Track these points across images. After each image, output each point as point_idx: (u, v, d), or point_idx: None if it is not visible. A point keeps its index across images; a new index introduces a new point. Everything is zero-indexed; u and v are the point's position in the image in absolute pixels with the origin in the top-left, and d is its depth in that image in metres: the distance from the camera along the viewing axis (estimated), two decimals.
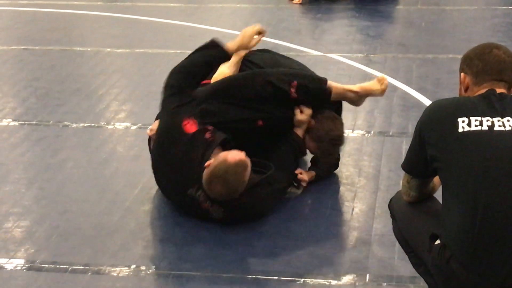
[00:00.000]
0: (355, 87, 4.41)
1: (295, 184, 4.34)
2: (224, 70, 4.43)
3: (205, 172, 3.84)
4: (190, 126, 4.04)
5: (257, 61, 4.57)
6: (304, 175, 4.36)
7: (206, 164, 3.85)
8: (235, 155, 3.79)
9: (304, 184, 4.35)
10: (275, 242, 3.89)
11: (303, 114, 4.26)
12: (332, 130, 4.29)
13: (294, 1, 8.88)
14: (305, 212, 4.23)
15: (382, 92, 4.44)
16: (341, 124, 4.39)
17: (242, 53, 4.54)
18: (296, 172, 4.33)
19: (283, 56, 4.80)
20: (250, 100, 4.16)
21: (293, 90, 4.19)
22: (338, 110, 4.53)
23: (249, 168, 3.83)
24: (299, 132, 4.30)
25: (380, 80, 4.41)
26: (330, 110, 4.40)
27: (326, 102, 4.35)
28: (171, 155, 4.03)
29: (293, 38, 7.41)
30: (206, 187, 3.84)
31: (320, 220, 4.10)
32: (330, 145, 4.32)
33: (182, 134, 4.02)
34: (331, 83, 4.33)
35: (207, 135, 4.01)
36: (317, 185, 4.43)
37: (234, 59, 4.51)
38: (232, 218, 3.99)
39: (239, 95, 4.17)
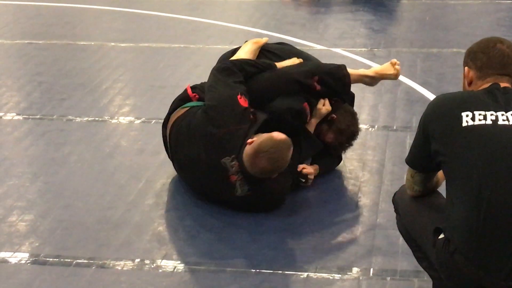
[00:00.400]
0: (370, 71, 4.57)
1: (303, 180, 4.34)
2: (241, 56, 4.54)
3: (249, 147, 3.91)
4: (243, 101, 4.14)
5: (274, 51, 4.68)
6: (308, 169, 4.36)
7: (249, 140, 3.93)
8: (280, 134, 3.92)
9: (311, 177, 4.35)
10: (279, 236, 3.90)
11: (324, 107, 4.39)
12: (352, 125, 4.46)
13: None
14: (308, 206, 4.22)
15: (396, 76, 4.58)
16: (358, 120, 4.53)
17: (261, 42, 4.68)
18: (300, 168, 4.33)
19: (296, 48, 4.86)
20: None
21: (316, 83, 4.33)
22: (352, 103, 4.65)
23: (292, 149, 3.93)
24: (312, 123, 4.39)
25: (394, 64, 4.54)
26: (347, 104, 4.55)
27: (348, 88, 4.46)
28: (221, 120, 4.07)
29: (297, 33, 7.40)
30: (249, 161, 3.90)
31: (323, 215, 4.11)
32: (348, 139, 4.46)
33: (237, 105, 4.11)
34: (348, 70, 4.45)
35: (251, 116, 4.14)
36: (321, 180, 4.43)
37: (252, 47, 4.64)
38: (250, 200, 4.02)
39: (267, 98, 4.31)
